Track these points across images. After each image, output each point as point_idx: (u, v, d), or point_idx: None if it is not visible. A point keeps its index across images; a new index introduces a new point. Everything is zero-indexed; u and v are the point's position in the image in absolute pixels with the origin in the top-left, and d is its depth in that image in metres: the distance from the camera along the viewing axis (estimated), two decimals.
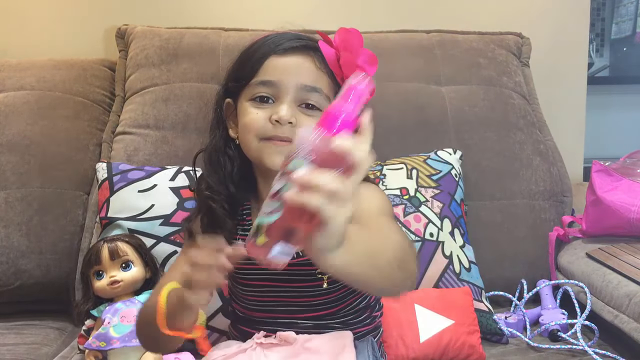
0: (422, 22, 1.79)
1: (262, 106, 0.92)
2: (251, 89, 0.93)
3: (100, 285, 1.17)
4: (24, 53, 1.74)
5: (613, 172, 1.47)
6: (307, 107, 0.92)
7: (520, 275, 1.51)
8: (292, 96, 0.92)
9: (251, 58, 0.95)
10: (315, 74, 0.93)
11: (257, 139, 0.92)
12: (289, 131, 0.90)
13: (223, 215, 0.96)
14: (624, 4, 2.72)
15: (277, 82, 0.91)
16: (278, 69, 0.92)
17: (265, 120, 0.91)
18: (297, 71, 0.92)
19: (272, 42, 0.94)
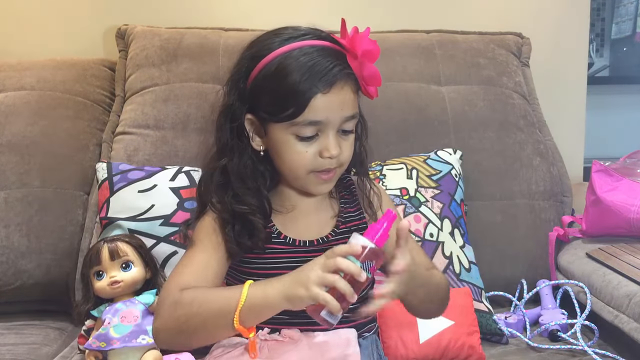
0: (422, 22, 1.80)
1: (309, 142, 0.93)
2: (296, 127, 0.92)
3: (101, 285, 1.17)
4: (24, 53, 1.74)
5: (613, 172, 1.47)
6: (345, 132, 0.95)
7: (520, 276, 1.51)
8: (337, 127, 0.93)
9: (296, 99, 0.90)
10: (354, 101, 0.94)
11: (306, 172, 0.94)
12: (336, 162, 0.94)
13: (261, 226, 0.95)
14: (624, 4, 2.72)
15: (325, 120, 0.92)
16: (325, 108, 0.91)
17: (315, 155, 0.93)
18: (343, 105, 0.92)
19: (314, 75, 0.90)
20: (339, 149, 0.93)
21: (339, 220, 1.01)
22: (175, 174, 1.38)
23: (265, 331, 0.96)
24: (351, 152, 0.97)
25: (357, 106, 0.96)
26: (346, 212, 1.02)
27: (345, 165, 0.97)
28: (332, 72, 0.90)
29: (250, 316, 0.87)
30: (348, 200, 1.04)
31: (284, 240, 0.98)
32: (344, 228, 1.00)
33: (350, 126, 0.95)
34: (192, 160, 1.48)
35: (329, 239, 0.99)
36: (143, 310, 1.16)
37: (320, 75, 0.90)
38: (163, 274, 1.25)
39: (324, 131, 0.92)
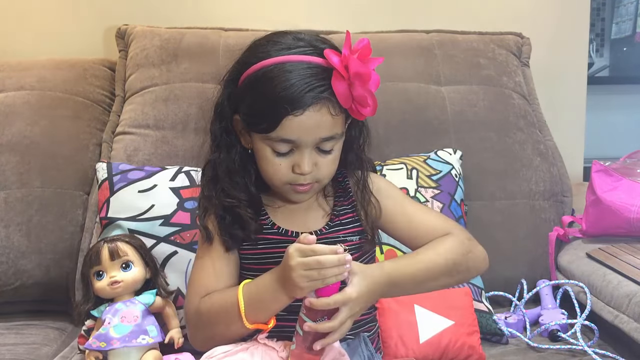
0: (422, 22, 1.80)
1: (284, 156, 0.94)
2: (271, 141, 0.94)
3: (101, 285, 1.17)
4: (24, 53, 1.75)
5: (613, 172, 1.47)
6: (324, 151, 0.96)
7: (520, 275, 1.51)
8: (312, 148, 0.94)
9: (266, 111, 0.91)
10: (331, 124, 0.93)
11: (281, 182, 0.97)
12: (310, 178, 0.95)
13: (249, 219, 0.98)
14: (624, 4, 2.72)
15: (297, 140, 0.92)
16: (296, 129, 0.91)
17: (288, 169, 0.95)
18: (315, 128, 0.92)
19: (287, 96, 0.89)
20: (313, 167, 0.94)
21: (333, 214, 1.02)
22: (175, 174, 1.38)
23: (264, 334, 0.97)
24: (331, 169, 0.98)
25: (340, 126, 0.95)
26: (340, 206, 1.03)
27: (324, 181, 0.99)
28: (307, 95, 0.90)
29: (258, 314, 0.92)
30: (342, 194, 1.05)
31: (277, 230, 1.00)
32: (337, 221, 1.02)
33: (328, 146, 0.95)
34: (192, 160, 1.48)
35: (322, 232, 1.00)
36: (143, 310, 1.16)
37: (294, 96, 0.89)
38: (163, 274, 1.25)
39: (298, 148, 0.93)
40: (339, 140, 0.97)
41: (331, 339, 0.88)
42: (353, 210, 1.03)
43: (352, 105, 0.93)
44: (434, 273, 0.99)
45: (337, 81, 0.90)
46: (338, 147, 0.98)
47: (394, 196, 1.07)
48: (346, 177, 1.06)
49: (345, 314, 0.87)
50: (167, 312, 1.21)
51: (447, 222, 1.07)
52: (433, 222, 1.05)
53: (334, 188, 1.06)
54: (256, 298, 0.92)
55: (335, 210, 1.03)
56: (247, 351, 0.95)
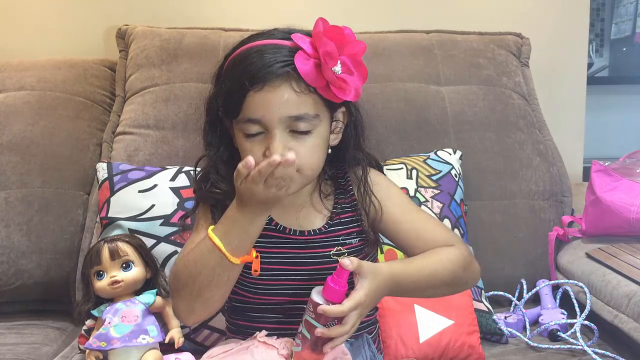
0: (422, 22, 1.80)
1: (254, 140, 0.92)
2: (240, 125, 0.93)
3: (101, 285, 1.17)
4: (24, 53, 1.75)
5: (613, 172, 1.47)
6: (298, 132, 0.92)
7: (519, 275, 1.51)
8: (280, 127, 0.90)
9: (231, 95, 0.92)
10: (297, 101, 0.90)
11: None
12: None
13: None
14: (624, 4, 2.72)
15: (261, 119, 0.90)
16: (259, 105, 0.90)
17: (260, 152, 0.91)
18: (279, 105, 0.89)
19: (246, 73, 0.90)
20: (284, 149, 0.88)
21: (333, 213, 1.01)
22: (175, 174, 1.38)
23: (263, 333, 0.97)
24: (312, 158, 0.93)
25: (311, 107, 0.91)
26: (340, 205, 1.02)
27: (306, 172, 0.93)
28: (266, 71, 0.89)
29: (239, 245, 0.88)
30: (342, 193, 1.03)
31: (275, 227, 0.99)
32: (337, 220, 1.00)
33: (302, 127, 0.91)
34: (192, 160, 1.45)
35: (321, 231, 0.99)
36: (143, 310, 1.16)
37: (253, 73, 0.89)
38: (163, 274, 1.25)
39: (268, 130, 0.90)
40: (315, 123, 0.92)
41: (340, 341, 0.87)
42: (354, 209, 1.02)
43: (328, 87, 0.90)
44: (436, 282, 0.98)
45: (300, 58, 0.89)
46: (319, 134, 0.93)
47: (398, 200, 1.04)
48: (347, 174, 1.04)
49: (355, 317, 0.87)
50: (167, 312, 1.21)
51: (449, 234, 1.05)
52: (437, 232, 1.03)
53: (334, 186, 1.04)
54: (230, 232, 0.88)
55: (335, 209, 1.01)
56: (247, 350, 0.95)
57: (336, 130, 1.00)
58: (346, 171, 1.05)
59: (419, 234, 1.01)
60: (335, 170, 1.04)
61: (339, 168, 1.04)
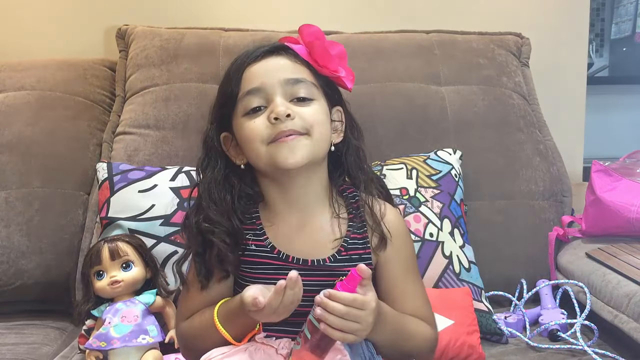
0: (422, 22, 1.80)
1: (256, 115, 0.93)
2: (241, 104, 0.93)
3: (101, 285, 1.17)
4: (24, 53, 1.75)
5: (613, 172, 1.47)
6: (299, 100, 0.93)
7: (519, 275, 1.51)
8: (281, 93, 0.92)
9: (230, 79, 0.95)
10: (294, 67, 0.94)
11: (263, 144, 0.92)
12: (292, 124, 0.91)
13: (225, 249, 0.93)
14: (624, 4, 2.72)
15: (261, 86, 0.92)
16: (257, 74, 0.93)
17: (264, 124, 0.91)
18: (276, 69, 0.93)
19: (243, 56, 0.96)
20: (289, 110, 0.90)
21: (342, 245, 0.96)
22: (175, 174, 1.38)
23: (262, 334, 0.97)
24: (317, 118, 0.93)
25: (307, 74, 0.95)
26: (351, 238, 0.96)
27: (316, 134, 0.92)
28: (260, 49, 0.96)
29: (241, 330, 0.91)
30: (355, 225, 0.98)
31: (277, 255, 0.94)
32: (345, 255, 0.95)
33: (302, 92, 0.93)
34: (192, 160, 1.46)
35: (326, 264, 0.94)
36: (143, 310, 1.16)
37: (249, 53, 0.96)
38: (163, 274, 1.25)
39: (269, 99, 0.92)
40: (314, 92, 0.94)
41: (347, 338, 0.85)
42: (365, 246, 0.97)
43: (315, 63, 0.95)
44: (407, 345, 0.95)
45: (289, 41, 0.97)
46: (320, 105, 0.94)
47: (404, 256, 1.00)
48: (357, 196, 1.00)
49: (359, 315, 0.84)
50: (167, 312, 1.21)
51: (431, 315, 1.01)
52: (422, 310, 0.99)
53: (347, 208, 0.99)
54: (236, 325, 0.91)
55: (346, 241, 0.96)
56: (245, 352, 0.95)
57: (338, 130, 1.00)
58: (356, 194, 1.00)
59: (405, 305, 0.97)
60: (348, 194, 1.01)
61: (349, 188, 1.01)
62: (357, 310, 0.84)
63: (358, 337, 0.86)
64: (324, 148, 0.95)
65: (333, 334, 0.84)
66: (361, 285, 0.85)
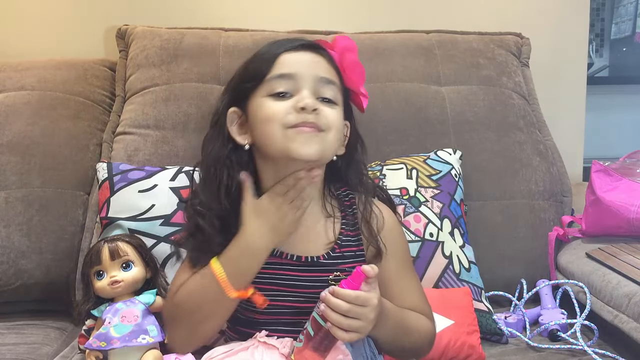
0: (422, 22, 1.80)
1: (281, 99, 0.92)
2: (267, 85, 0.93)
3: (101, 285, 1.17)
4: (24, 53, 1.75)
5: (613, 172, 1.47)
6: (325, 100, 0.94)
7: (519, 275, 1.51)
8: (311, 87, 0.92)
9: (263, 58, 0.95)
10: (328, 69, 0.95)
11: (282, 127, 0.91)
12: (316, 118, 0.91)
13: (211, 232, 0.95)
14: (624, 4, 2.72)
15: (295, 74, 0.92)
16: (294, 62, 0.93)
17: (288, 109, 0.91)
18: (313, 65, 0.94)
19: (282, 42, 0.96)
20: (316, 105, 0.91)
21: (336, 243, 0.98)
22: (175, 174, 1.38)
23: (263, 333, 0.97)
24: (335, 121, 0.94)
25: (336, 77, 0.96)
26: (345, 236, 0.99)
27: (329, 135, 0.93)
28: (299, 41, 0.96)
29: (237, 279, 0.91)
30: (349, 223, 1.00)
31: (272, 252, 0.96)
32: (338, 252, 0.97)
33: (329, 93, 0.93)
34: (192, 160, 1.46)
35: (319, 261, 0.96)
36: (143, 310, 1.16)
37: (287, 41, 0.96)
38: (163, 273, 1.25)
39: (298, 88, 0.92)
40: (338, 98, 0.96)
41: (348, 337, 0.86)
42: (358, 243, 0.99)
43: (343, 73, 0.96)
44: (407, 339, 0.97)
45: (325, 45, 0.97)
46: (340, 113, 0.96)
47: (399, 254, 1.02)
48: (353, 200, 1.02)
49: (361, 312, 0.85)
50: None
51: (428, 308, 1.03)
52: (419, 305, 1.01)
53: (341, 209, 1.01)
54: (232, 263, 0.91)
55: (340, 239, 0.98)
56: (247, 351, 0.95)
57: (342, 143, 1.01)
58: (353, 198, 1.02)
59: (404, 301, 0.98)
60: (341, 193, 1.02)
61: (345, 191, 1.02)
62: (359, 307, 0.85)
63: (361, 335, 0.87)
64: (332, 152, 0.97)
65: (337, 332, 0.85)
66: (367, 283, 0.86)
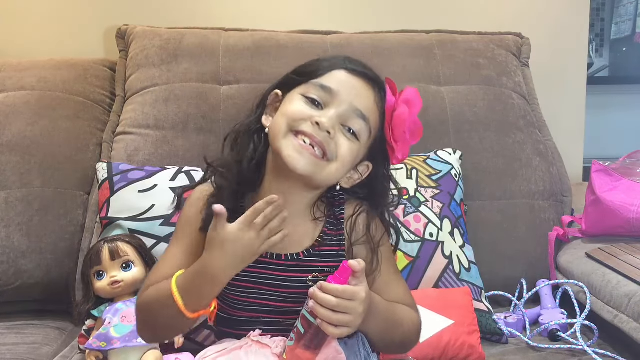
0: (422, 22, 1.80)
1: (310, 105, 0.93)
2: (308, 87, 0.94)
3: (101, 285, 1.17)
4: (24, 53, 1.75)
5: (612, 172, 1.47)
6: (348, 130, 0.93)
7: (519, 275, 1.51)
8: (342, 111, 0.92)
9: (321, 63, 0.97)
10: (371, 105, 0.95)
11: (288, 127, 0.92)
12: (324, 139, 0.91)
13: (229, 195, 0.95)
14: (624, 4, 2.73)
15: (336, 92, 0.92)
16: (342, 82, 0.93)
17: (307, 116, 0.92)
18: (358, 93, 0.93)
19: (347, 60, 0.97)
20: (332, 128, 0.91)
21: (317, 241, 0.98)
22: (175, 174, 1.38)
23: (257, 332, 0.97)
24: (348, 154, 0.93)
25: (373, 117, 0.95)
26: (327, 234, 0.99)
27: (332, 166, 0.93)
28: (364, 68, 0.97)
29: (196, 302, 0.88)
30: (333, 223, 1.00)
31: None
32: (318, 250, 0.97)
33: (356, 125, 0.93)
34: (192, 160, 1.48)
35: (299, 257, 0.96)
36: None
37: (352, 62, 0.97)
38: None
39: (329, 106, 0.92)
40: (363, 134, 0.94)
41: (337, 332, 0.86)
42: (339, 243, 0.99)
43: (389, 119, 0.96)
44: (397, 328, 0.96)
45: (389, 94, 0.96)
46: (359, 147, 0.95)
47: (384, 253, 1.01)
48: (343, 205, 1.01)
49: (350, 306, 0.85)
50: None
51: (413, 301, 1.03)
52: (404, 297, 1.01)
53: (327, 212, 1.01)
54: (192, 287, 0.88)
55: (320, 238, 0.98)
56: (240, 350, 0.95)
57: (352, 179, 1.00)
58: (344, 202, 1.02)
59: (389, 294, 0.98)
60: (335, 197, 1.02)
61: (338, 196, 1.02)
62: (347, 301, 0.85)
63: (350, 329, 0.87)
64: (328, 182, 0.96)
65: (327, 328, 0.85)
66: (355, 277, 0.86)
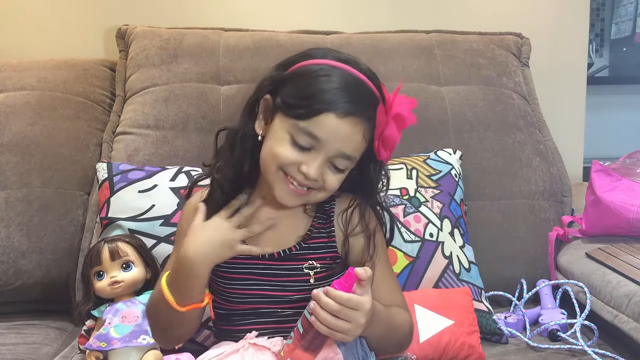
0: (422, 22, 1.80)
1: (299, 150, 0.92)
2: (296, 129, 0.92)
3: (101, 285, 1.17)
4: (24, 53, 1.75)
5: (612, 172, 1.47)
6: (335, 167, 0.94)
7: (519, 275, 1.51)
8: (329, 156, 0.92)
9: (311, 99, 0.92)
10: (358, 145, 0.94)
11: (278, 166, 0.93)
12: (312, 184, 0.93)
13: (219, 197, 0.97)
14: (624, 4, 2.72)
15: (323, 141, 0.91)
16: (330, 130, 0.91)
17: (295, 161, 0.92)
18: (345, 140, 0.92)
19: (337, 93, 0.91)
20: (319, 177, 0.92)
21: (306, 235, 0.99)
22: (175, 174, 1.38)
23: (253, 334, 0.97)
24: (336, 183, 0.95)
25: (359, 152, 0.95)
26: (316, 228, 1.00)
27: (325, 194, 0.96)
28: (358, 104, 0.92)
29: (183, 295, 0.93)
30: (322, 217, 1.01)
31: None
32: (308, 244, 0.98)
33: (341, 165, 0.94)
34: (192, 160, 1.48)
35: (291, 252, 0.97)
36: (143, 311, 1.16)
37: (348, 98, 0.91)
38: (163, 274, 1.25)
39: (316, 150, 0.92)
40: (351, 165, 0.96)
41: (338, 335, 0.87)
42: (329, 235, 0.99)
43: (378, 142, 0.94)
44: (395, 333, 0.98)
45: (381, 112, 0.93)
46: (345, 174, 0.96)
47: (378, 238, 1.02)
48: (333, 201, 1.02)
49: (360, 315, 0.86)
50: None
51: (403, 299, 1.04)
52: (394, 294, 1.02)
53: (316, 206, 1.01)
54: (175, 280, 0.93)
55: (310, 231, 0.99)
56: (237, 353, 0.95)
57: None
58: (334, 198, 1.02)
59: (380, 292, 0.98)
60: None
61: None
62: (351, 310, 0.85)
63: (348, 337, 0.87)
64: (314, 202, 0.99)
65: (321, 328, 0.85)
66: (360, 285, 0.86)
